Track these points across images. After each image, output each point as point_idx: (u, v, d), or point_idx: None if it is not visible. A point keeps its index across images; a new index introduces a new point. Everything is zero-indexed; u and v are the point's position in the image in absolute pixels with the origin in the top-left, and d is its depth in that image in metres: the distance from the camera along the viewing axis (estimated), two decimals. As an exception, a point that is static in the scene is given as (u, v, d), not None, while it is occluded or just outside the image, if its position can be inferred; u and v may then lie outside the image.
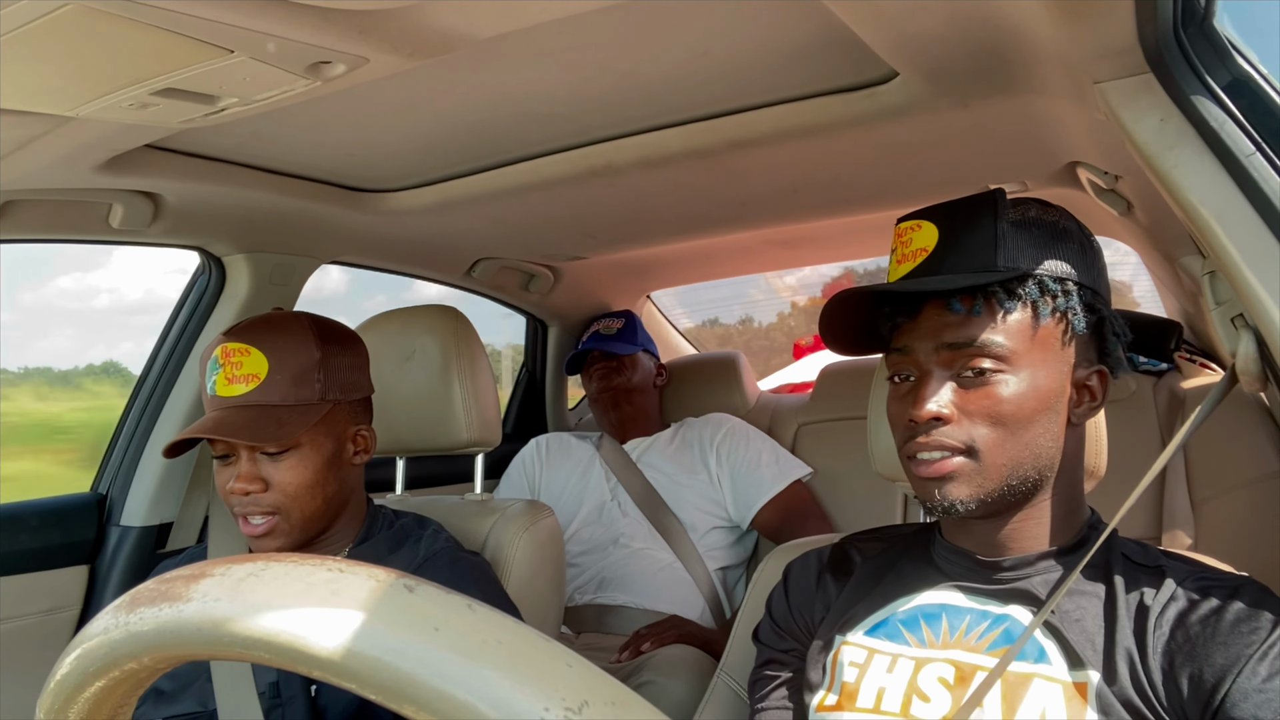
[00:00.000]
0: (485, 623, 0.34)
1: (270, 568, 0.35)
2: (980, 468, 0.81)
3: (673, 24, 1.04)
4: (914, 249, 0.85)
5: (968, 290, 0.81)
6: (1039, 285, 0.81)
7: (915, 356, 0.84)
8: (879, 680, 0.84)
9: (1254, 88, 0.81)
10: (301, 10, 0.79)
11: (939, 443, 0.81)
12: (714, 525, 2.10)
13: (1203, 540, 1.69)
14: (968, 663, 0.81)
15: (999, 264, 0.81)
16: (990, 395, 0.80)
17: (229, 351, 1.13)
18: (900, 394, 0.86)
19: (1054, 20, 0.87)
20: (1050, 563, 0.84)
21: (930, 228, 0.85)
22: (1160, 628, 0.75)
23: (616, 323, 2.37)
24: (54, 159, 1.16)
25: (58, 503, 1.69)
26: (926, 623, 0.85)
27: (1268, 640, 0.70)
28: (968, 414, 0.81)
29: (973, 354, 0.80)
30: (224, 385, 1.12)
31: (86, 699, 0.38)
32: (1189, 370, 2.01)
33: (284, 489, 1.12)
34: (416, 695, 0.32)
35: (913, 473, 0.84)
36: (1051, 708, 0.75)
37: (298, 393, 1.13)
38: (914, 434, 0.83)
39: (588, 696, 0.32)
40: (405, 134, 1.38)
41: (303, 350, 1.15)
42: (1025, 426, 0.80)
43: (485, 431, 1.48)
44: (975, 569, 0.86)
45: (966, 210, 0.85)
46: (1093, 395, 0.85)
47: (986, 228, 0.82)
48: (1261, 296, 0.76)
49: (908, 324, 0.85)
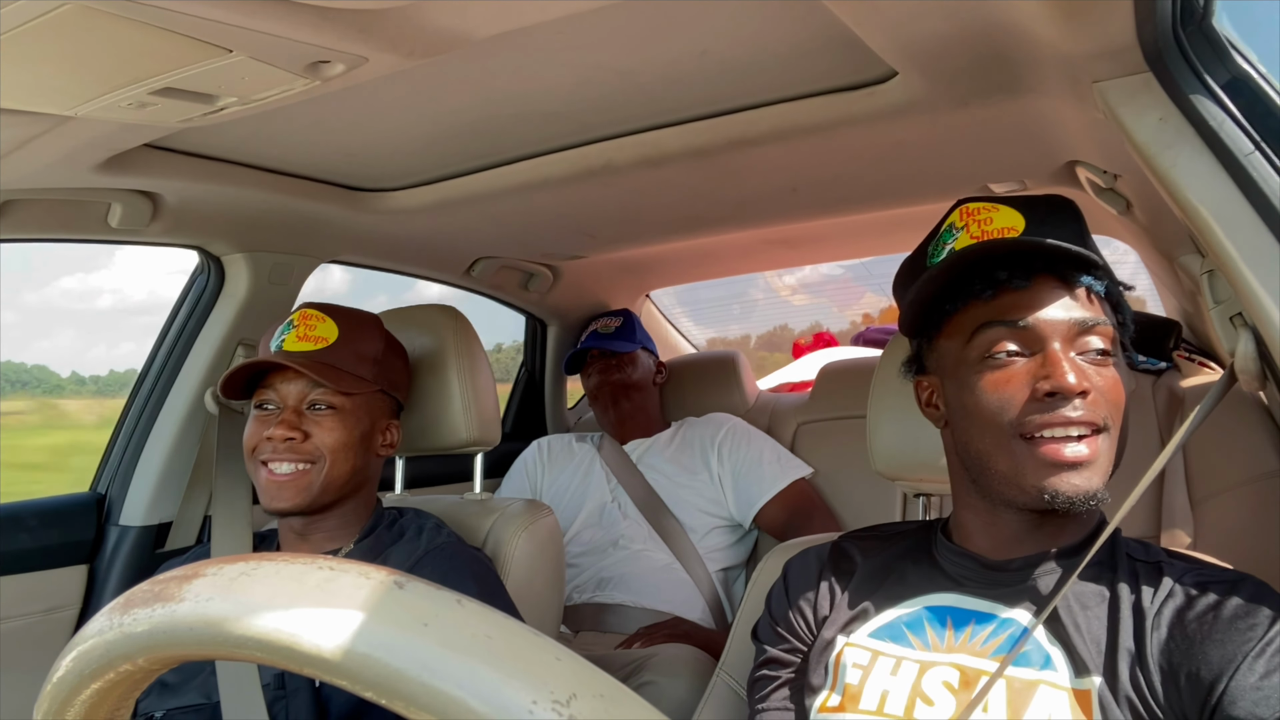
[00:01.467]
0: (474, 617, 0.34)
1: (262, 567, 0.35)
2: (1109, 451, 0.78)
3: (672, 23, 1.04)
4: (999, 227, 0.83)
5: (1096, 270, 0.80)
6: (1119, 284, 0.83)
7: (1037, 331, 0.79)
8: (883, 682, 0.83)
9: (1253, 87, 0.81)
10: (300, 9, 0.79)
11: (1084, 417, 0.76)
12: (714, 526, 2.10)
13: (1202, 539, 1.69)
14: (972, 667, 0.80)
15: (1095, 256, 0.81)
16: (1110, 376, 0.79)
17: (307, 315, 1.24)
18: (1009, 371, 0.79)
19: (1053, 19, 0.87)
20: (1056, 562, 0.83)
21: (1011, 211, 0.83)
22: (1158, 626, 0.75)
23: (615, 321, 2.37)
24: (53, 158, 1.16)
25: (57, 502, 1.69)
26: (931, 625, 0.85)
27: (1264, 637, 0.70)
28: (1100, 392, 0.78)
29: (1097, 332, 0.79)
30: (293, 342, 1.21)
31: (83, 701, 0.38)
32: (1188, 369, 2.01)
33: (323, 440, 1.19)
34: (406, 691, 0.32)
35: (1035, 455, 0.77)
36: (1056, 716, 0.75)
37: (357, 366, 1.24)
38: (1049, 407, 0.76)
39: (576, 689, 0.32)
40: (404, 133, 1.38)
41: (370, 338, 1.28)
42: (1124, 412, 0.80)
43: (485, 431, 1.48)
44: (980, 571, 0.86)
45: (1045, 204, 0.85)
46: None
47: (1074, 222, 0.84)
48: (1260, 295, 0.76)
49: (1017, 296, 0.80)
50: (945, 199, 1.77)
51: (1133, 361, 1.99)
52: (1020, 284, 0.80)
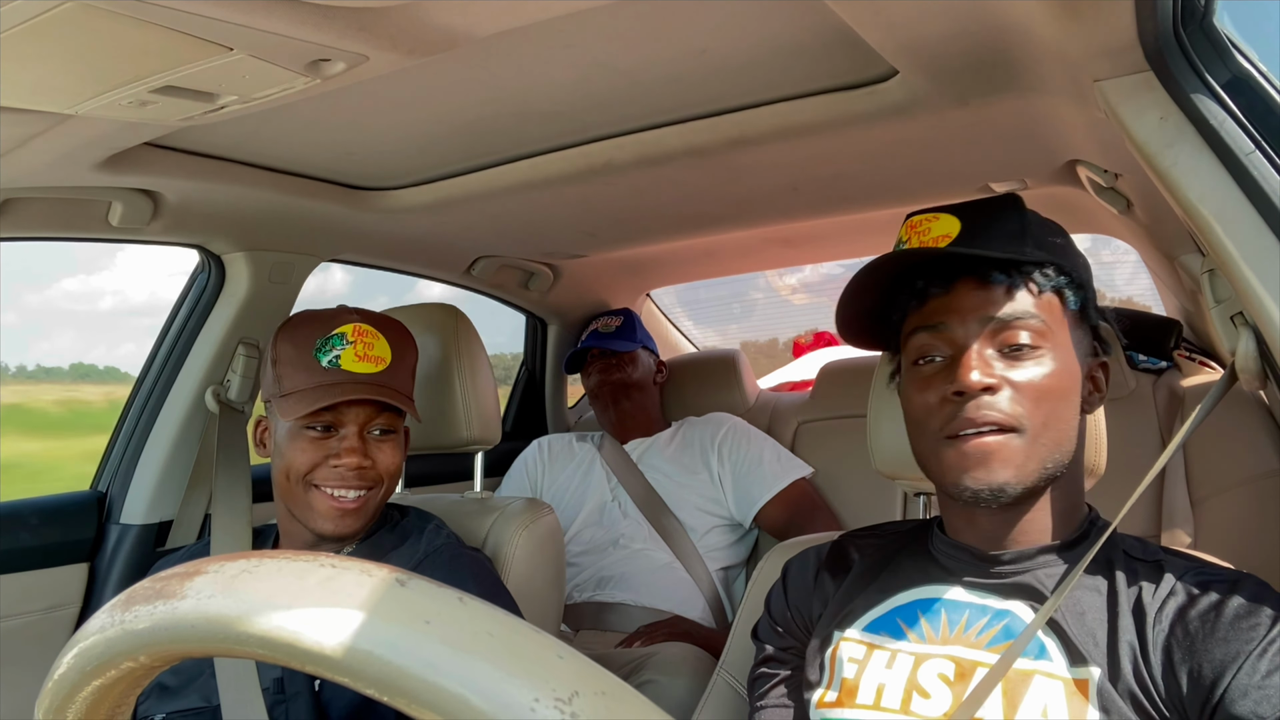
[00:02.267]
0: (476, 615, 0.34)
1: (264, 564, 0.35)
2: (1025, 447, 0.79)
3: (672, 22, 1.04)
4: (935, 235, 0.85)
5: (1011, 264, 0.81)
6: (1063, 273, 0.83)
7: (950, 332, 0.82)
8: (878, 676, 0.83)
9: (1254, 86, 0.81)
10: (301, 8, 0.79)
11: (987, 416, 0.78)
12: (714, 525, 2.10)
13: (1202, 538, 1.69)
14: (968, 659, 0.80)
15: (1026, 252, 0.82)
16: (1032, 370, 0.80)
17: (362, 331, 1.19)
18: (927, 374, 0.83)
19: (1054, 18, 0.87)
20: (1050, 557, 0.83)
21: (949, 219, 0.86)
22: (1160, 623, 0.75)
23: (615, 321, 2.37)
24: (53, 157, 1.16)
25: (58, 500, 1.69)
26: (925, 617, 0.85)
27: (1267, 636, 0.70)
28: (1014, 386, 0.79)
29: (1016, 328, 0.80)
30: (354, 361, 1.17)
31: (84, 698, 0.38)
32: (1188, 368, 2.01)
33: (385, 467, 1.19)
34: (408, 688, 0.32)
35: (952, 454, 0.80)
36: (1053, 705, 0.75)
37: (408, 385, 1.24)
38: (957, 411, 0.79)
39: (578, 687, 0.32)
40: (405, 132, 1.38)
41: (412, 353, 1.27)
42: (1062, 404, 0.80)
43: (485, 430, 1.48)
44: (974, 563, 0.86)
45: (986, 206, 0.87)
46: (1097, 386, 0.87)
47: (1011, 221, 0.85)
48: (1261, 294, 0.76)
49: (939, 300, 0.83)
50: (946, 198, 1.76)
51: (1133, 361, 1.99)
52: (939, 290, 0.84)
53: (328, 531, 1.17)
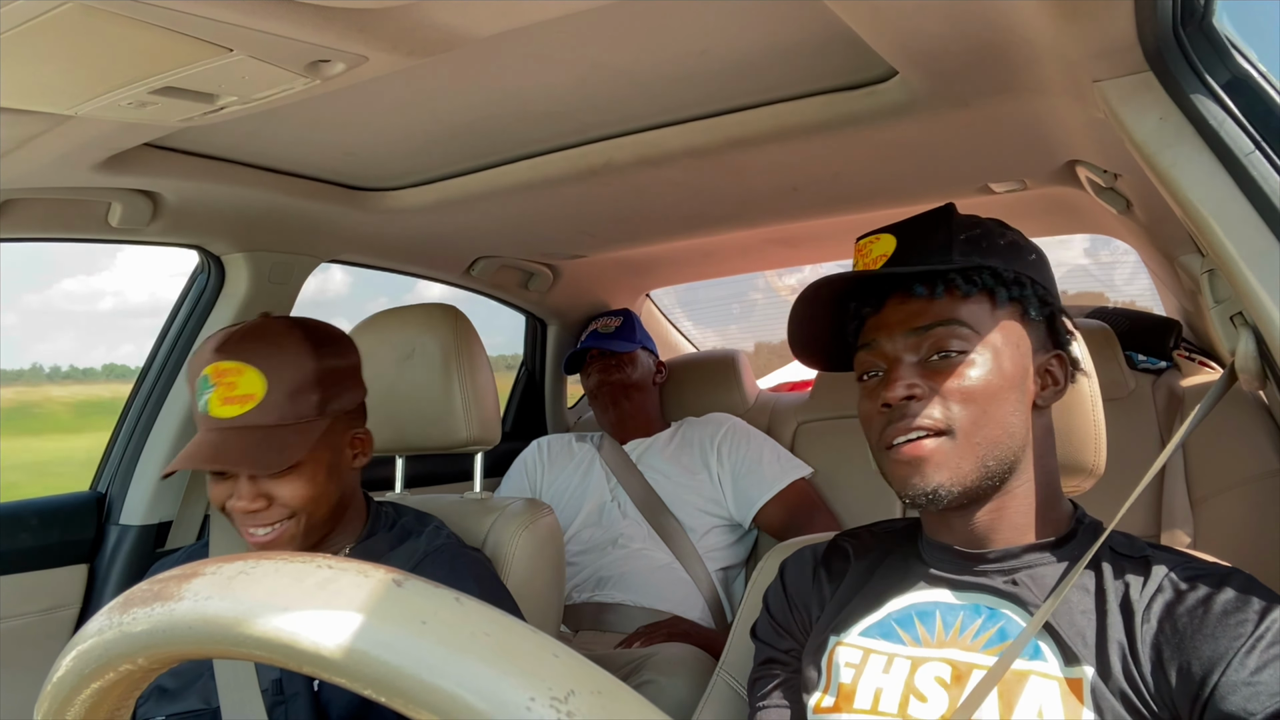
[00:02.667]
0: (472, 615, 0.34)
1: (261, 565, 0.35)
2: (957, 447, 0.81)
3: (672, 22, 1.04)
4: (874, 256, 0.88)
5: (927, 276, 0.84)
6: (994, 274, 0.84)
7: (882, 348, 0.86)
8: (875, 681, 0.84)
9: (1253, 86, 0.81)
10: (301, 9, 0.79)
11: (914, 423, 0.81)
12: (714, 525, 2.10)
13: (1202, 538, 1.69)
14: (964, 661, 0.81)
15: (953, 260, 0.84)
16: (959, 374, 0.82)
17: (222, 371, 1.06)
18: (870, 388, 0.87)
19: (1053, 19, 0.87)
20: (1038, 555, 0.84)
21: (888, 238, 0.88)
22: (1149, 620, 0.75)
23: (614, 321, 2.37)
24: (53, 157, 1.16)
25: (57, 501, 1.69)
26: (920, 621, 0.85)
27: (1255, 632, 0.70)
28: (939, 393, 0.82)
29: (939, 335, 0.83)
30: (218, 406, 1.06)
31: (83, 700, 0.39)
32: (1188, 369, 2.01)
33: (288, 504, 1.10)
34: (404, 688, 0.32)
35: (890, 463, 0.84)
36: (1048, 706, 0.75)
37: (296, 410, 1.08)
38: (888, 420, 0.83)
39: (574, 686, 0.32)
40: (404, 132, 1.38)
41: (299, 363, 1.10)
42: (995, 403, 0.82)
43: (485, 430, 1.48)
44: (960, 562, 0.86)
45: (921, 221, 0.89)
46: (1055, 380, 0.88)
47: (941, 233, 0.87)
48: (1260, 295, 0.76)
49: (873, 319, 0.88)
50: (945, 198, 1.76)
51: (1133, 361, 1.99)
52: (869, 310, 0.88)
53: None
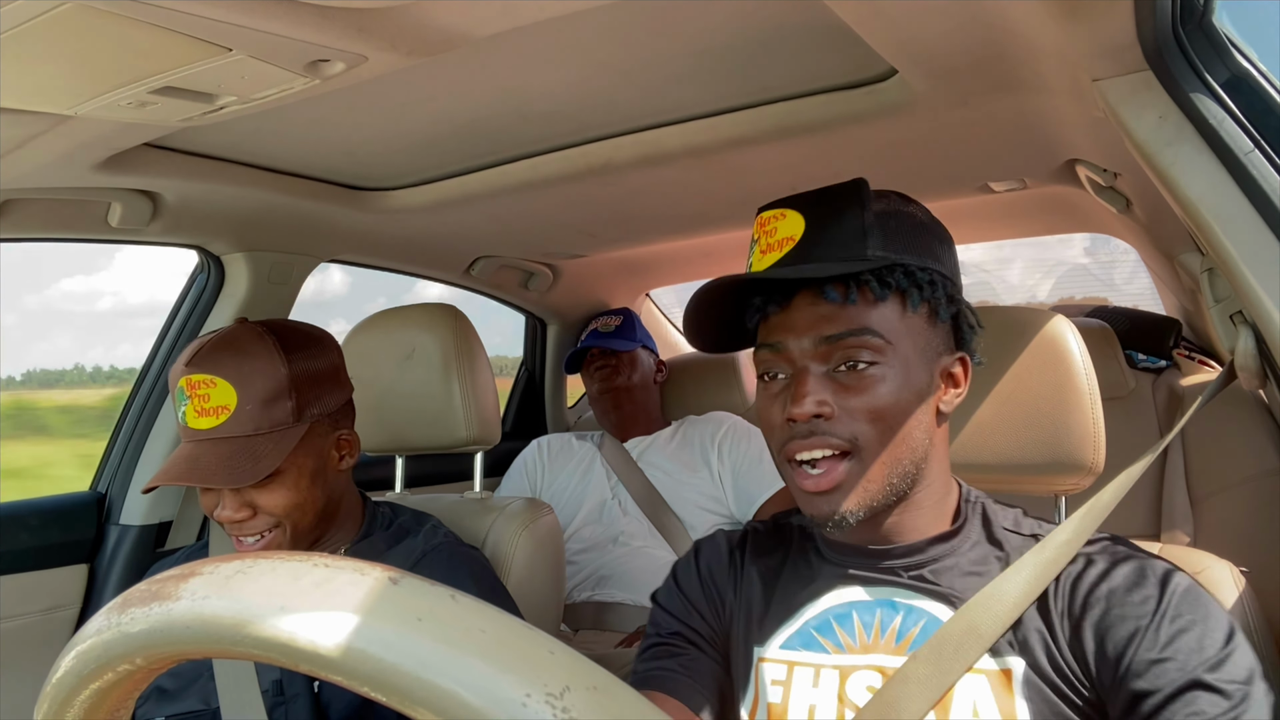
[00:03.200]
0: (468, 612, 0.34)
1: (258, 564, 0.36)
2: (864, 469, 0.78)
3: (671, 22, 1.04)
4: (779, 238, 0.82)
5: (841, 278, 0.79)
6: (907, 275, 0.79)
7: (788, 352, 0.80)
8: (806, 696, 0.81)
9: (1253, 85, 0.81)
10: (300, 8, 0.79)
11: (822, 441, 0.78)
12: (715, 523, 2.10)
13: (1202, 537, 1.69)
14: (893, 667, 0.79)
15: (868, 254, 0.79)
16: (869, 390, 0.78)
17: (194, 384, 1.07)
18: (773, 393, 0.82)
19: (1053, 18, 0.87)
20: (939, 547, 0.83)
21: (796, 216, 0.82)
22: (1058, 602, 0.76)
23: (614, 320, 2.37)
24: (53, 157, 1.16)
25: (57, 501, 1.69)
26: (840, 625, 0.83)
27: (1159, 610, 0.71)
28: (848, 411, 0.78)
29: (851, 345, 0.78)
30: (194, 418, 1.07)
31: (83, 701, 0.39)
32: (1188, 368, 2.01)
33: (272, 513, 1.10)
34: (401, 685, 0.32)
35: (797, 483, 0.80)
36: (982, 701, 0.75)
37: (271, 418, 1.08)
38: (793, 434, 0.79)
39: (569, 682, 0.32)
40: (404, 132, 1.38)
41: (269, 371, 1.09)
42: (903, 421, 0.79)
43: (484, 430, 1.48)
44: (866, 559, 0.84)
45: (832, 199, 0.82)
46: (956, 383, 0.84)
47: (854, 218, 0.80)
48: (1260, 293, 0.76)
49: (778, 316, 0.82)
50: (946, 197, 1.78)
51: (1133, 360, 1.99)
52: (775, 308, 0.82)
53: None
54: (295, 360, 1.12)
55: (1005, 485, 1.02)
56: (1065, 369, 0.98)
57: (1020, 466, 1.00)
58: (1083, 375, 0.98)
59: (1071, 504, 1.05)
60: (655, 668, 0.88)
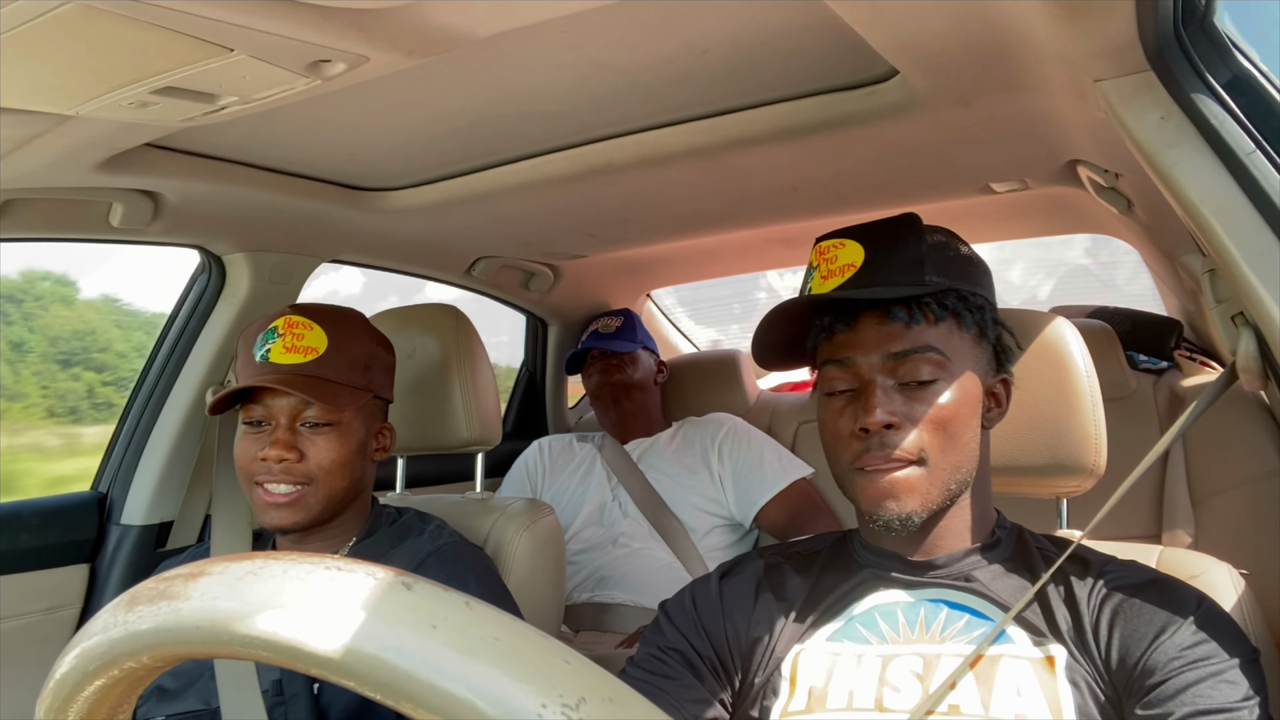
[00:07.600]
0: (483, 620, 0.34)
1: (269, 565, 0.35)
2: (929, 476, 0.84)
3: (672, 22, 1.04)
4: (841, 264, 0.88)
5: (905, 300, 0.85)
6: (961, 299, 0.87)
7: (857, 368, 0.86)
8: (848, 680, 0.84)
9: (1254, 86, 0.81)
10: (301, 9, 0.79)
11: (893, 453, 0.83)
12: (715, 525, 2.10)
13: (1203, 539, 1.69)
14: (934, 654, 0.82)
15: (926, 279, 0.86)
16: (933, 403, 0.84)
17: (292, 323, 1.17)
18: (839, 407, 0.87)
19: (1054, 18, 0.87)
20: (976, 559, 0.88)
21: (855, 246, 0.89)
22: (1090, 613, 0.80)
23: (615, 321, 2.37)
24: (54, 157, 1.16)
25: (58, 501, 1.69)
26: (884, 620, 0.87)
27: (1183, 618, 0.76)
28: (914, 421, 0.84)
29: (916, 361, 0.84)
30: (280, 353, 1.15)
31: (86, 698, 0.38)
32: (1189, 369, 2.01)
33: (319, 461, 1.15)
34: (414, 692, 0.32)
35: (862, 487, 0.85)
36: (1025, 685, 0.78)
37: (350, 375, 1.18)
38: (865, 446, 0.84)
39: (585, 693, 0.32)
40: (405, 132, 1.38)
41: (361, 341, 1.22)
42: (961, 431, 0.85)
43: (485, 430, 1.48)
44: (909, 568, 0.89)
45: (890, 230, 0.90)
46: (998, 402, 0.91)
47: (912, 247, 0.88)
48: (1261, 294, 0.76)
49: (844, 335, 0.88)
50: (946, 198, 1.78)
51: (1134, 361, 1.99)
52: (843, 327, 0.88)
53: (268, 525, 1.15)
54: (379, 345, 1.26)
55: (1007, 487, 1.02)
56: (1066, 371, 0.98)
57: (1021, 469, 1.00)
58: (1084, 377, 0.98)
59: (1073, 506, 1.05)
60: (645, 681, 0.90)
